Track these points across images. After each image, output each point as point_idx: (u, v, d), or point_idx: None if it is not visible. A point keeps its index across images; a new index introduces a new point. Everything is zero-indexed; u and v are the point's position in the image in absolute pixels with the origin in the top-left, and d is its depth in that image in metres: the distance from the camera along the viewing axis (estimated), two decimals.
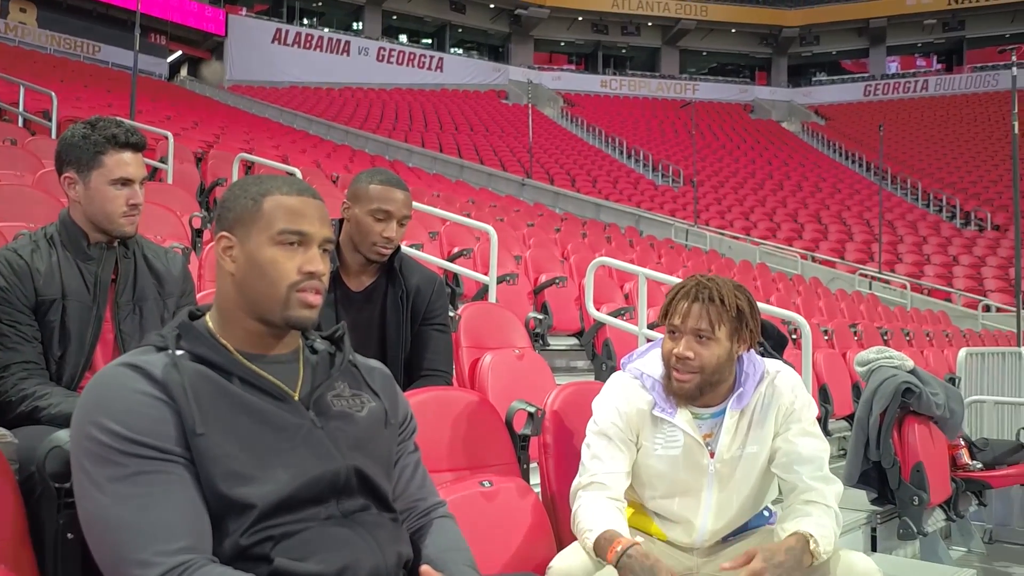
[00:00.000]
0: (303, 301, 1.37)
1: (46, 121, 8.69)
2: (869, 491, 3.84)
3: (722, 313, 1.93)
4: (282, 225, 1.37)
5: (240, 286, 1.37)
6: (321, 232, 1.40)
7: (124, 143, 2.06)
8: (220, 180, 7.23)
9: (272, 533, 1.26)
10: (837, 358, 5.81)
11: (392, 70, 33.28)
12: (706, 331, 1.92)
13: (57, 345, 1.94)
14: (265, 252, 1.36)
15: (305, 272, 1.37)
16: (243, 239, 1.38)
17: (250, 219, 1.38)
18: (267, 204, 1.38)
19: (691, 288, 1.96)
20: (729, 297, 1.94)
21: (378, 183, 2.34)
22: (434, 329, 2.43)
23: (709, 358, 1.93)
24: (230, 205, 1.41)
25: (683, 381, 1.95)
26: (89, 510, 1.22)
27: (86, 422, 1.23)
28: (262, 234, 1.37)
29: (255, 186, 1.42)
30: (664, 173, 23.02)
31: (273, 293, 1.36)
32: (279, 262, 1.36)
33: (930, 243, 17.47)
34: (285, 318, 1.36)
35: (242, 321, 1.38)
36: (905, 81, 36.25)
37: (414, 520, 1.53)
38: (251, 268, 1.36)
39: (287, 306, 1.36)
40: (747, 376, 2.02)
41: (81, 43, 26.95)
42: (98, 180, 2.03)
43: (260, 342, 1.39)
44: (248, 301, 1.37)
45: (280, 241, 1.37)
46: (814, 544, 1.82)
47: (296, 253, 1.37)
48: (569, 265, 7.51)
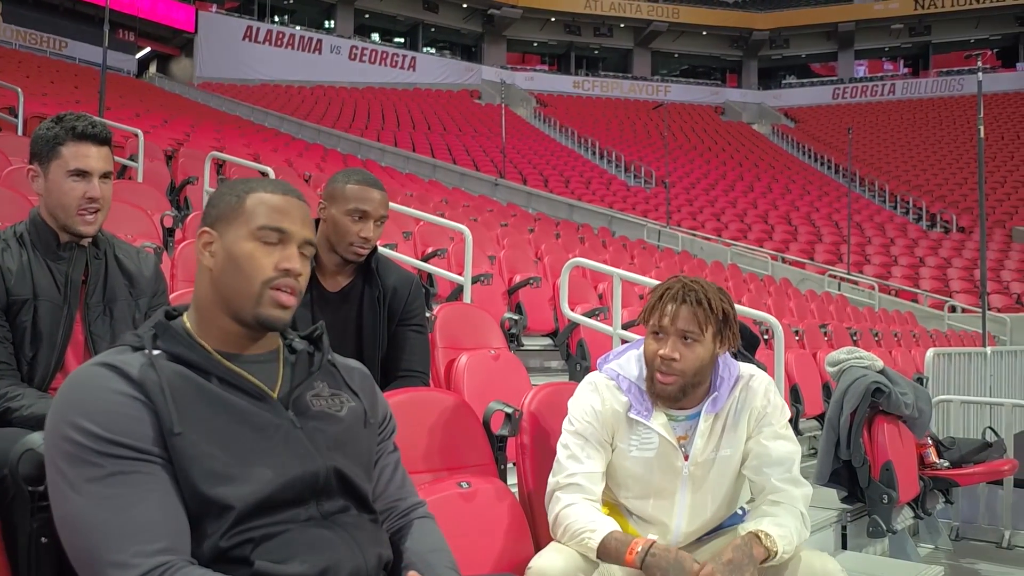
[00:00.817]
0: (276, 300, 1.36)
1: (12, 118, 8.55)
2: (839, 490, 3.89)
3: (709, 316, 1.94)
4: (263, 221, 1.36)
5: (216, 282, 1.37)
6: (301, 232, 1.40)
7: (83, 134, 2.02)
8: (191, 179, 7.15)
9: (252, 535, 1.24)
10: (808, 358, 5.87)
11: (364, 69, 33.13)
12: (693, 333, 1.93)
13: (29, 346, 1.91)
14: (243, 246, 1.36)
15: (281, 269, 1.36)
16: (223, 234, 1.37)
17: (232, 215, 1.38)
18: (250, 201, 1.38)
19: (678, 290, 1.97)
20: (715, 300, 1.96)
21: (355, 183, 2.33)
22: (411, 330, 2.42)
23: (693, 360, 1.94)
24: (215, 202, 1.41)
25: (667, 383, 1.96)
26: (65, 511, 1.20)
27: (61, 422, 1.21)
28: (241, 229, 1.36)
29: (241, 185, 1.42)
30: (636, 174, 23.14)
31: (247, 289, 1.35)
32: (256, 257, 1.35)
33: (897, 244, 17.73)
34: (256, 315, 1.35)
35: (218, 320, 1.37)
36: (873, 85, 36.78)
37: (394, 521, 1.52)
38: (228, 262, 1.36)
39: (259, 303, 1.35)
40: (722, 380, 2.04)
41: (47, 38, 26.53)
42: (56, 172, 2.00)
43: (237, 341, 1.38)
44: (223, 298, 1.36)
45: (259, 237, 1.36)
46: (769, 541, 1.84)
47: (274, 251, 1.37)
48: (543, 265, 7.52)
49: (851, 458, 3.81)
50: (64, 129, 2.01)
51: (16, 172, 4.93)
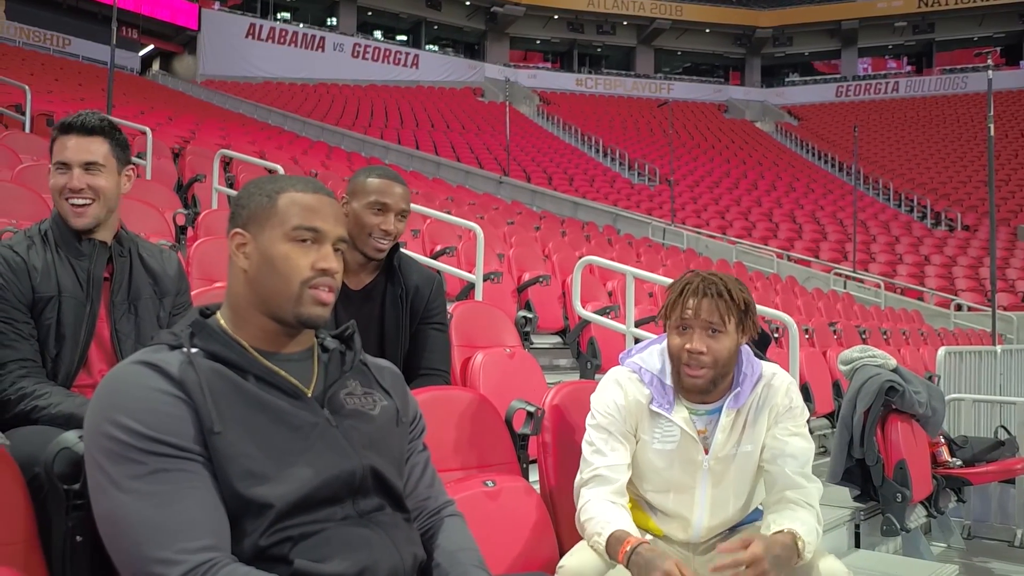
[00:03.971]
0: (316, 298, 1.36)
1: (19, 115, 8.54)
2: (852, 488, 3.89)
3: (731, 307, 1.96)
4: (296, 221, 1.36)
5: (253, 283, 1.36)
6: (335, 230, 1.40)
7: (66, 126, 2.03)
8: (199, 176, 7.14)
9: (290, 534, 1.25)
10: (818, 357, 5.87)
11: (367, 66, 33.11)
12: (718, 325, 1.95)
13: (53, 343, 1.91)
14: (279, 248, 1.35)
15: (319, 269, 1.36)
16: (257, 235, 1.37)
17: (264, 216, 1.37)
18: (282, 201, 1.38)
19: (698, 284, 1.98)
20: (736, 291, 1.98)
21: (376, 177, 2.35)
22: (432, 328, 2.42)
23: (721, 351, 1.95)
24: (244, 203, 1.40)
25: (696, 376, 1.97)
26: (107, 509, 1.20)
27: (103, 420, 1.21)
28: (276, 230, 1.36)
29: (270, 184, 1.41)
30: (640, 172, 23.12)
31: (286, 290, 1.35)
32: (292, 258, 1.35)
33: (902, 243, 17.71)
34: (297, 315, 1.35)
35: (255, 319, 1.37)
36: (876, 82, 36.73)
37: (424, 520, 1.52)
38: (264, 264, 1.35)
39: (299, 303, 1.35)
40: (745, 376, 2.05)
41: (51, 36, 26.54)
42: (52, 168, 2.03)
43: (273, 340, 1.38)
44: (261, 298, 1.36)
45: (294, 237, 1.36)
46: (802, 544, 1.85)
47: (310, 250, 1.37)
48: (551, 263, 7.51)
49: (864, 456, 3.81)
50: (57, 127, 2.04)
51: (27, 170, 4.93)
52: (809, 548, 1.86)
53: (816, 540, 1.91)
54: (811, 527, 1.91)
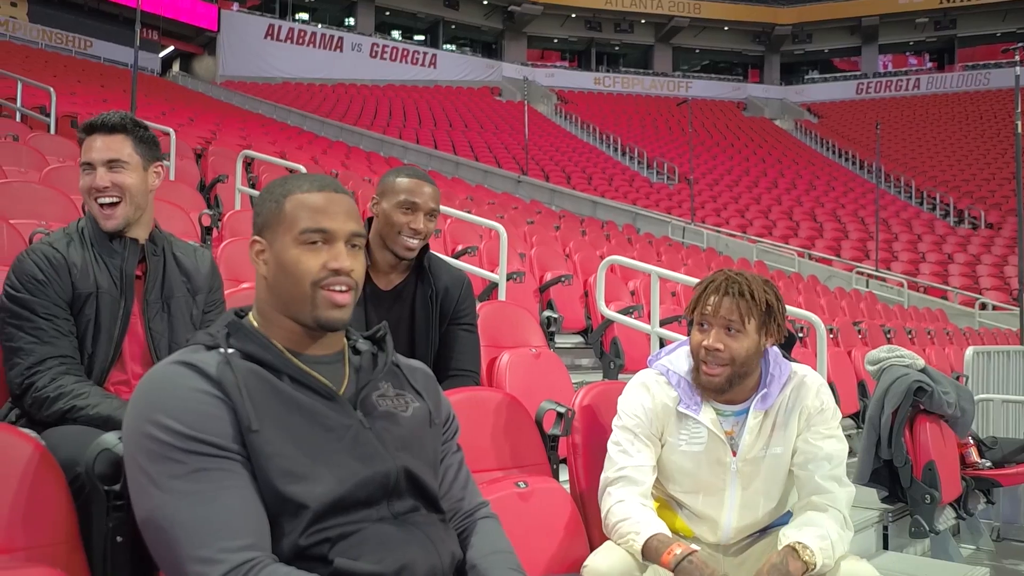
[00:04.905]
0: (330, 300, 1.35)
1: (44, 117, 8.62)
2: (880, 490, 3.85)
3: (751, 307, 1.95)
4: (304, 224, 1.36)
5: (273, 289, 1.37)
6: (345, 227, 1.38)
7: (91, 127, 2.04)
8: (221, 177, 7.18)
9: (329, 535, 1.25)
10: (842, 356, 5.82)
11: (385, 66, 33.20)
12: (735, 323, 1.94)
13: (90, 340, 1.93)
14: (289, 252, 1.35)
15: (330, 269, 1.35)
16: (271, 242, 1.37)
17: (275, 221, 1.37)
18: (288, 204, 1.37)
19: (721, 282, 1.99)
20: (758, 291, 1.97)
21: (405, 177, 2.37)
22: (462, 329, 2.42)
23: (738, 350, 1.95)
24: (259, 209, 1.41)
25: (712, 375, 1.97)
26: (148, 508, 1.20)
27: (143, 420, 1.22)
28: (286, 235, 1.36)
29: (279, 187, 1.41)
30: (659, 171, 23.04)
31: (299, 293, 1.34)
32: (302, 261, 1.35)
33: (925, 241, 17.54)
34: (315, 318, 1.35)
35: (281, 322, 1.38)
36: (897, 79, 36.40)
37: (459, 521, 1.52)
38: (279, 270, 1.36)
39: (315, 306, 1.35)
40: (772, 377, 2.04)
41: (73, 38, 26.78)
42: (80, 170, 2.05)
43: (301, 342, 1.38)
44: (282, 303, 1.37)
45: (303, 241, 1.35)
46: (808, 554, 1.82)
47: (321, 251, 1.36)
48: (572, 263, 7.50)
49: (892, 458, 3.77)
50: (81, 128, 2.06)
51: (54, 171, 4.98)
52: (822, 556, 1.84)
53: (833, 546, 1.88)
54: (826, 533, 1.89)
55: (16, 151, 5.63)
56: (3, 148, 5.57)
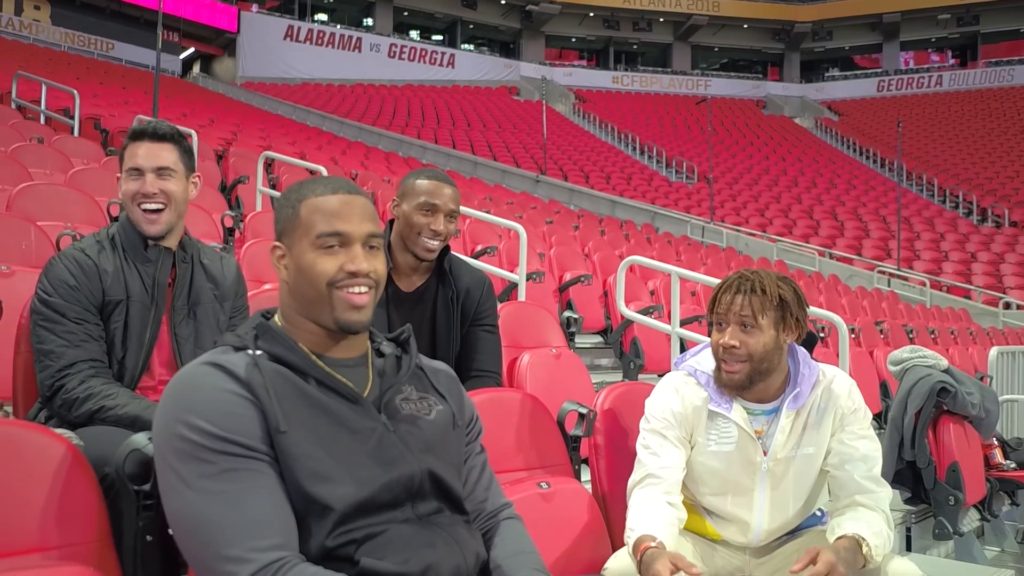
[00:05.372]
0: (347, 302, 1.36)
1: (68, 119, 8.72)
2: (903, 491, 3.82)
3: (764, 302, 1.96)
4: (319, 229, 1.37)
5: (294, 293, 1.39)
6: (361, 229, 1.39)
7: (140, 133, 2.08)
8: (243, 178, 7.23)
9: (355, 536, 1.27)
10: (864, 356, 5.78)
11: (404, 66, 33.28)
12: (749, 319, 1.96)
13: (120, 347, 1.96)
14: (307, 257, 1.37)
15: (347, 272, 1.36)
16: (290, 247, 1.39)
17: (292, 227, 1.39)
18: (303, 209, 1.39)
19: (734, 281, 2.01)
20: (771, 287, 1.98)
21: (425, 179, 2.39)
22: (483, 330, 2.44)
23: (755, 346, 1.96)
24: (278, 215, 1.43)
25: (732, 371, 1.98)
26: (178, 508, 1.22)
27: (173, 420, 1.24)
28: (303, 240, 1.37)
29: (295, 192, 1.42)
30: (678, 170, 22.94)
31: (317, 296, 1.36)
32: (318, 264, 1.36)
33: (947, 240, 17.35)
34: (335, 320, 1.36)
35: (304, 325, 1.39)
36: (919, 76, 36.05)
37: (482, 522, 1.53)
38: (299, 274, 1.37)
39: (333, 307, 1.36)
40: (803, 376, 2.04)
41: (95, 40, 27.03)
42: (124, 173, 2.07)
43: (325, 345, 1.40)
44: (303, 306, 1.38)
45: (320, 245, 1.36)
46: (867, 548, 1.83)
47: (338, 254, 1.37)
48: (591, 262, 7.49)
49: (916, 459, 3.75)
50: (128, 135, 2.09)
51: (79, 173, 5.04)
52: (877, 551, 1.85)
53: (885, 544, 1.89)
54: (879, 530, 1.89)
55: (41, 153, 5.71)
56: (28, 151, 5.64)
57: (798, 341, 2.06)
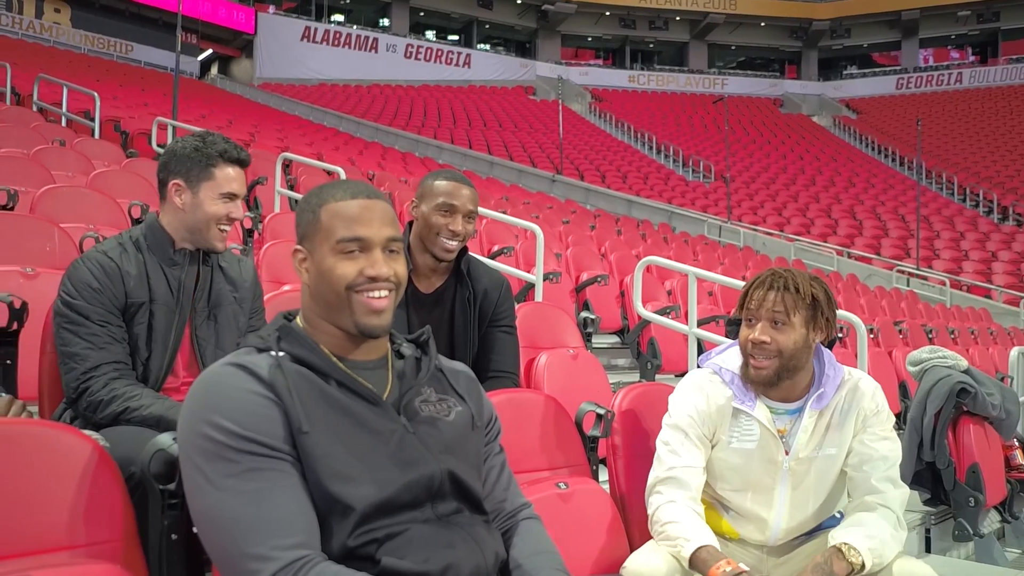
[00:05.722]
0: (367, 306, 1.37)
1: (89, 121, 8.80)
2: (922, 492, 3.80)
3: (797, 301, 1.97)
4: (340, 234, 1.38)
5: (315, 296, 1.41)
6: (381, 233, 1.40)
7: (234, 158, 2.12)
8: (261, 179, 7.28)
9: (376, 535, 1.28)
10: (883, 357, 5.75)
11: (420, 67, 33.36)
12: (781, 316, 1.97)
13: (144, 348, 1.99)
14: (328, 262, 1.38)
15: (368, 276, 1.37)
16: (311, 251, 1.40)
17: (313, 231, 1.40)
18: (324, 214, 1.40)
19: (767, 277, 2.02)
20: (804, 286, 1.99)
21: (443, 179, 2.41)
22: (501, 331, 2.45)
23: (785, 343, 1.96)
24: (299, 219, 1.44)
25: (761, 367, 1.99)
26: (203, 506, 1.24)
27: (198, 420, 1.26)
28: (324, 245, 1.39)
29: (315, 197, 1.43)
30: (695, 169, 22.86)
31: (337, 299, 1.37)
32: (339, 269, 1.37)
33: (968, 239, 17.20)
34: (355, 324, 1.38)
35: (326, 328, 1.41)
36: (939, 74, 35.74)
37: (502, 522, 1.54)
38: (320, 279, 1.39)
39: (353, 311, 1.37)
40: (828, 377, 2.05)
41: (114, 42, 27.28)
42: (207, 192, 2.09)
43: (346, 347, 1.42)
44: (324, 310, 1.40)
45: (340, 250, 1.38)
46: (853, 555, 1.83)
47: (359, 259, 1.38)
48: (608, 262, 7.49)
49: (935, 460, 3.73)
50: (216, 151, 2.11)
51: (100, 176, 5.10)
52: (870, 556, 1.85)
53: (884, 545, 1.89)
54: (875, 533, 1.89)
55: (63, 156, 5.77)
56: (51, 153, 5.71)
57: (825, 342, 2.07)
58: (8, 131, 6.34)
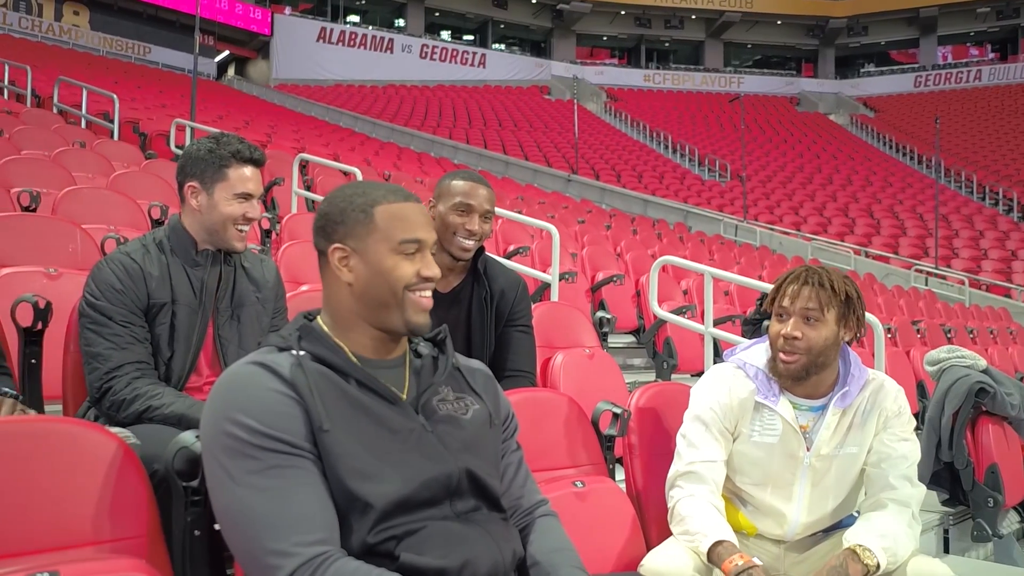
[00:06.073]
0: (419, 304, 1.41)
1: (108, 123, 8.89)
2: (940, 492, 3.79)
3: (831, 297, 1.98)
4: (402, 235, 1.41)
5: (361, 296, 1.41)
6: (430, 236, 1.45)
7: (247, 158, 2.14)
8: (277, 180, 7.32)
9: (395, 532, 1.30)
10: (901, 356, 5.72)
11: (435, 67, 33.42)
12: (814, 312, 1.97)
13: (167, 348, 2.01)
14: (387, 261, 1.40)
15: (423, 277, 1.41)
16: (360, 250, 1.41)
17: (364, 231, 1.41)
18: (378, 215, 1.41)
19: (801, 272, 2.03)
20: (838, 283, 2.00)
21: (461, 179, 2.42)
22: (517, 330, 2.46)
23: (816, 339, 1.97)
24: (338, 218, 1.43)
25: (789, 362, 1.99)
26: (226, 502, 1.26)
27: (221, 418, 1.28)
28: (381, 244, 1.40)
29: (360, 197, 1.44)
30: (711, 168, 22.79)
31: (392, 298, 1.40)
32: (399, 267, 1.40)
33: (987, 237, 17.06)
34: (406, 322, 1.41)
35: (359, 327, 1.42)
36: (957, 71, 35.43)
37: (518, 518, 1.56)
38: (373, 277, 1.40)
39: (404, 310, 1.40)
40: (853, 377, 2.06)
41: (132, 44, 27.51)
42: (221, 193, 2.12)
43: (373, 347, 1.43)
44: (369, 309, 1.41)
45: (402, 251, 1.41)
46: (868, 556, 1.83)
47: (415, 259, 1.42)
48: (623, 262, 7.48)
49: (953, 460, 3.71)
50: (229, 152, 2.13)
51: (121, 177, 5.15)
52: (885, 556, 1.85)
53: (902, 544, 1.90)
54: (888, 532, 1.90)
55: (83, 157, 5.84)
56: (71, 155, 5.78)
57: (851, 342, 2.08)
58: (30, 133, 6.42)
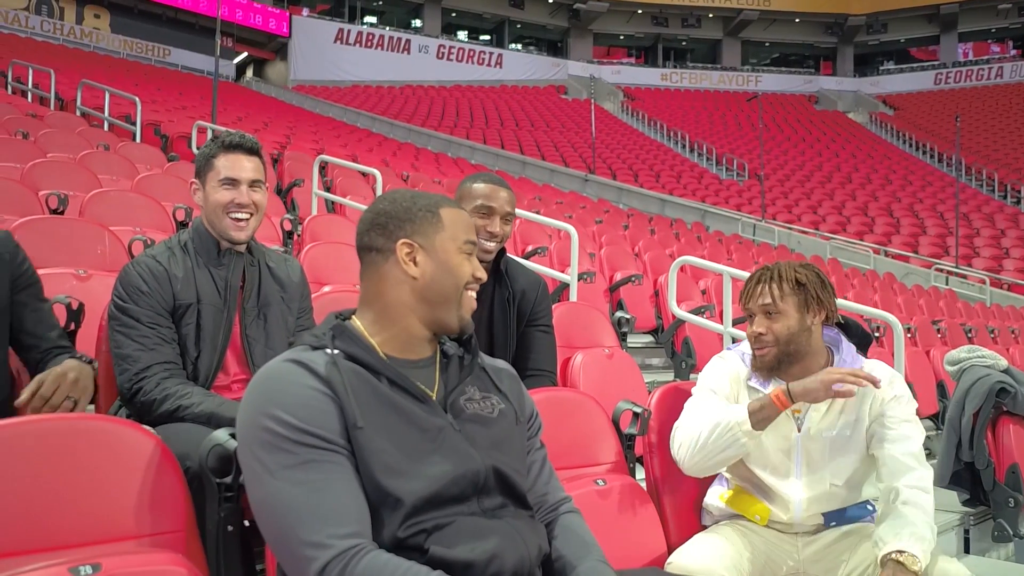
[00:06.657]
0: (471, 303, 1.52)
1: (130, 125, 8.99)
2: (961, 492, 3.78)
3: (786, 289, 2.11)
4: (465, 236, 1.51)
5: (424, 290, 1.48)
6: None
7: (231, 145, 2.18)
8: (298, 181, 7.38)
9: (424, 527, 1.33)
10: (921, 356, 5.69)
11: (452, 67, 33.50)
12: (771, 306, 2.12)
13: (193, 348, 2.06)
14: (454, 258, 1.49)
15: (477, 277, 1.52)
16: (428, 247, 1.48)
17: (433, 229, 1.49)
18: (445, 216, 1.51)
19: (758, 273, 2.19)
20: (787, 273, 2.14)
21: (482, 182, 2.46)
22: (538, 330, 2.49)
23: (780, 330, 2.11)
24: (405, 216, 1.50)
25: (761, 354, 2.15)
26: (262, 495, 1.30)
27: (258, 413, 1.32)
28: (449, 243, 1.49)
29: (421, 199, 1.53)
30: (728, 167, 22.71)
31: (453, 294, 1.49)
32: (462, 266, 1.50)
33: (1009, 236, 16.88)
34: (459, 318, 1.50)
35: (403, 324, 1.48)
36: (979, 68, 35.09)
37: (543, 515, 1.59)
38: (441, 273, 1.48)
39: (459, 306, 1.50)
40: (844, 363, 2.15)
41: (152, 47, 27.76)
42: (211, 182, 2.17)
43: (408, 346, 1.48)
44: (428, 304, 1.48)
45: (465, 250, 1.51)
46: (914, 562, 1.85)
47: (472, 260, 1.52)
48: (641, 262, 7.49)
49: (974, 460, 3.70)
50: (218, 144, 2.19)
51: (145, 179, 5.22)
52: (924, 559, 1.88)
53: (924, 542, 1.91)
54: (921, 532, 1.92)
55: (107, 160, 5.92)
56: (96, 157, 5.86)
57: (829, 322, 2.17)
58: (56, 136, 6.52)
